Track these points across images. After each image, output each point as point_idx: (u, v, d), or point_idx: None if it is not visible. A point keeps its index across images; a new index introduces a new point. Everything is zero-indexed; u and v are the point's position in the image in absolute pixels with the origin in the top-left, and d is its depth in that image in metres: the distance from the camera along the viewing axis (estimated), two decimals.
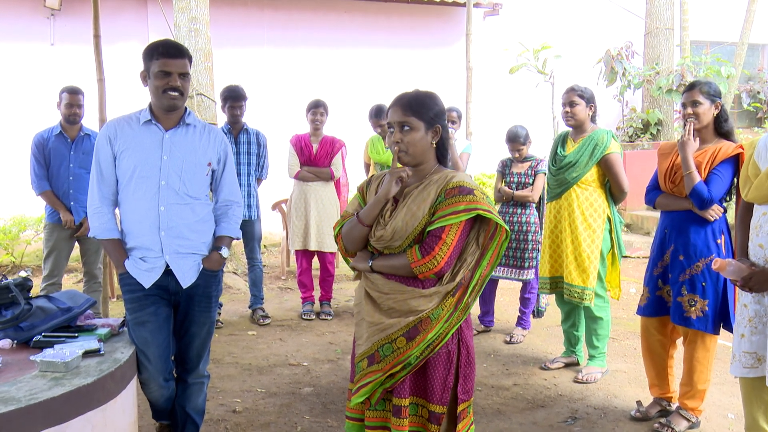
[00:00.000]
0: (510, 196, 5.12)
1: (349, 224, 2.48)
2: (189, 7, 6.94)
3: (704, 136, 3.47)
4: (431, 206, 2.34)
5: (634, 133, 10.94)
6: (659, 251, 3.60)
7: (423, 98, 2.40)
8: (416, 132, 2.36)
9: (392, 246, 2.39)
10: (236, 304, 6.32)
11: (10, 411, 2.05)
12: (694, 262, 3.41)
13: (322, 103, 5.76)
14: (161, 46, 2.82)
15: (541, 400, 4.03)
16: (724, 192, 3.38)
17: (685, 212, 3.46)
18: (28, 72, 8.55)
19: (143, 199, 2.84)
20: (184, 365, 3.08)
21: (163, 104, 2.84)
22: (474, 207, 2.30)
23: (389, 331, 2.35)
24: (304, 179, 5.75)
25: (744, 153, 3.32)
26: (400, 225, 2.35)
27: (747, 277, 2.69)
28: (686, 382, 3.54)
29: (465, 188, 2.32)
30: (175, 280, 2.89)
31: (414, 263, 2.31)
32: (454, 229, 2.31)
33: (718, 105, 3.43)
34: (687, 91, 3.46)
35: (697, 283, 3.40)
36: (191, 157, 2.91)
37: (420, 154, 2.39)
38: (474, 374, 2.49)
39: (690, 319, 3.40)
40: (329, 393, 4.12)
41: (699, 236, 3.41)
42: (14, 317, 2.70)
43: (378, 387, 2.38)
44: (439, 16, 10.45)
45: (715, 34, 12.18)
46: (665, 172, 3.56)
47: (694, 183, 3.37)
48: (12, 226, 7.70)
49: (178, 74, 2.80)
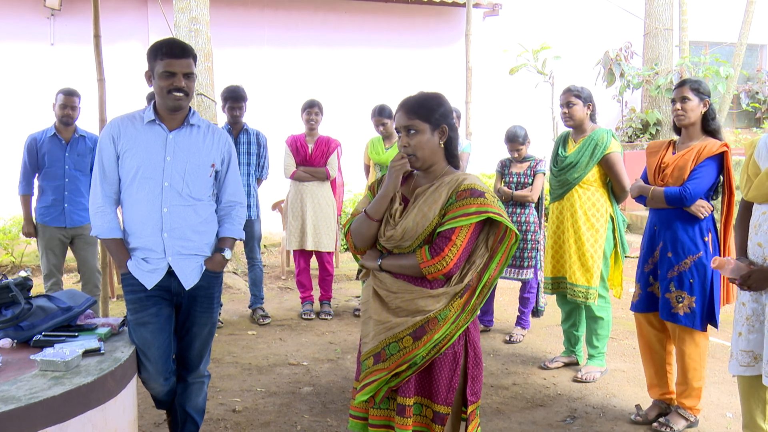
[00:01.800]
0: (509, 196, 5.12)
1: (358, 220, 2.50)
2: (189, 7, 6.95)
3: (691, 133, 3.51)
4: (442, 207, 2.35)
5: (633, 133, 10.96)
6: (649, 248, 3.64)
7: (426, 100, 2.41)
8: (422, 135, 2.37)
9: (402, 246, 2.40)
10: (236, 303, 6.32)
11: (11, 410, 2.05)
12: (682, 259, 3.45)
13: (316, 102, 5.77)
14: (165, 45, 2.79)
15: (541, 400, 4.04)
16: (707, 188, 3.42)
17: (673, 210, 3.49)
18: (28, 72, 8.55)
19: (146, 200, 2.83)
20: (184, 365, 3.08)
21: (168, 105, 2.82)
22: (485, 210, 2.31)
23: (396, 330, 2.35)
24: (300, 179, 5.76)
25: (728, 151, 3.40)
26: (411, 225, 2.36)
27: (746, 275, 2.70)
28: (681, 381, 3.56)
29: (476, 191, 2.33)
30: (177, 281, 2.89)
31: (423, 263, 2.32)
32: (464, 231, 2.32)
33: (707, 103, 3.47)
34: (677, 88, 3.51)
35: (684, 280, 3.43)
36: (195, 158, 2.90)
37: (429, 156, 2.40)
38: (482, 376, 2.49)
39: (678, 315, 3.44)
40: (329, 392, 4.13)
41: (687, 234, 3.45)
42: (14, 316, 2.70)
43: (383, 385, 2.38)
44: (438, 17, 10.46)
45: (713, 35, 12.19)
46: (654, 169, 3.60)
47: (661, 194, 3.46)
48: (12, 225, 7.72)
49: (183, 74, 2.78)
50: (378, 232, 2.46)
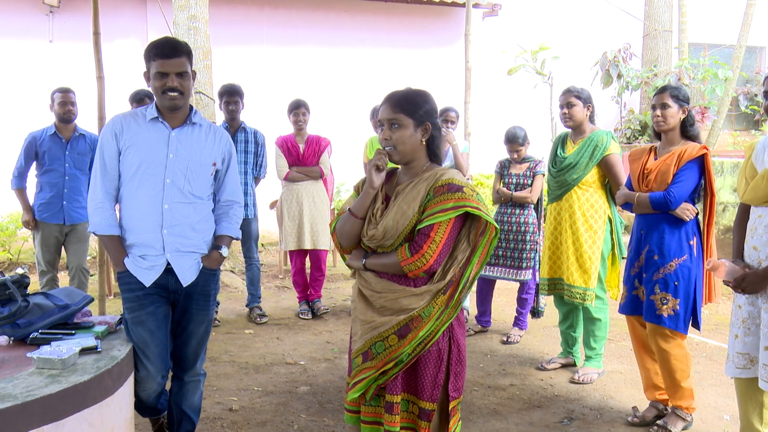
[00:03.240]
0: (509, 197, 5.12)
1: (343, 219, 2.51)
2: (188, 5, 6.94)
3: (671, 138, 3.56)
4: (421, 204, 2.36)
5: (632, 134, 10.96)
6: (635, 252, 3.66)
7: (412, 96, 2.42)
8: (405, 129, 2.38)
9: (384, 245, 2.41)
10: (233, 302, 6.32)
11: (7, 408, 2.05)
12: (667, 261, 3.47)
13: (303, 102, 5.78)
14: (157, 47, 2.80)
15: (538, 401, 4.04)
16: (690, 191, 3.45)
17: (659, 213, 3.52)
18: (27, 69, 8.53)
19: (147, 196, 2.83)
20: (180, 363, 3.07)
21: (164, 104, 2.84)
22: (462, 204, 2.31)
23: (381, 329, 2.38)
24: (294, 180, 5.75)
25: (708, 154, 3.44)
26: (391, 224, 2.37)
27: (740, 278, 2.72)
28: (669, 384, 3.56)
29: (454, 185, 2.34)
30: (174, 279, 2.89)
31: (403, 261, 2.33)
32: (443, 227, 2.32)
33: (686, 110, 3.52)
34: (657, 94, 3.55)
35: (669, 282, 3.46)
36: (197, 156, 2.92)
37: (409, 152, 2.41)
38: (465, 372, 2.51)
39: (662, 317, 3.46)
40: (326, 392, 4.13)
41: (673, 237, 3.48)
42: (11, 314, 2.69)
43: (372, 383, 2.42)
44: (438, 16, 10.46)
45: (713, 37, 12.20)
46: (637, 176, 3.63)
47: (646, 200, 3.49)
48: (9, 222, 7.71)
49: (176, 74, 2.78)
50: (362, 231, 2.47)
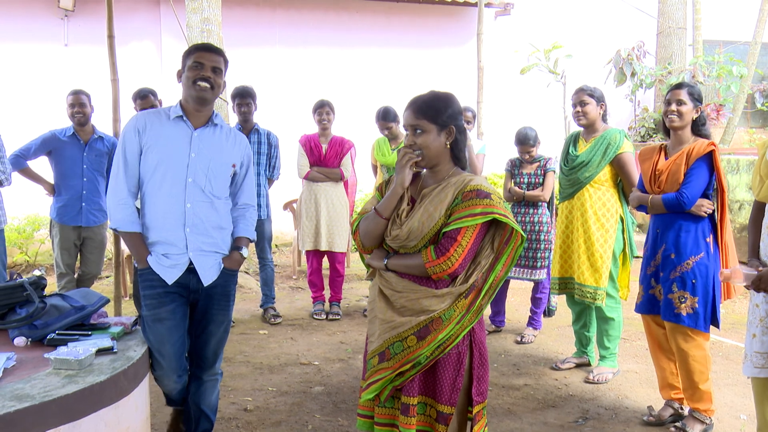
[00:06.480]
0: (521, 196, 5.10)
1: (367, 218, 2.51)
2: (201, 8, 6.98)
3: (681, 137, 3.53)
4: (448, 208, 2.36)
5: (646, 132, 10.88)
6: (652, 251, 3.64)
7: (434, 101, 2.41)
8: (428, 135, 2.38)
9: (407, 246, 2.41)
10: (248, 303, 6.35)
11: (25, 408, 2.08)
12: (684, 259, 3.45)
13: (327, 102, 5.77)
14: (199, 45, 2.94)
15: (552, 401, 4.02)
16: (702, 188, 3.43)
17: (675, 212, 3.49)
18: (42, 73, 8.60)
19: (169, 194, 2.85)
20: (200, 363, 3.09)
21: (192, 95, 2.86)
22: (490, 211, 2.32)
23: (400, 329, 2.37)
24: (314, 180, 5.76)
25: (716, 150, 3.41)
26: (416, 225, 2.37)
27: (756, 279, 2.70)
28: (687, 385, 3.53)
29: (482, 192, 2.34)
30: (195, 278, 2.91)
31: (428, 263, 2.33)
32: (470, 231, 2.32)
33: (699, 110, 3.50)
34: (673, 90, 3.51)
35: (687, 280, 3.43)
36: (218, 156, 2.94)
37: (434, 156, 2.41)
38: (488, 376, 2.49)
39: (680, 315, 3.43)
40: (340, 392, 4.14)
41: (689, 235, 3.46)
42: (28, 315, 2.72)
43: (387, 384, 2.40)
44: (450, 16, 10.43)
45: (727, 34, 12.08)
46: (649, 176, 3.61)
47: (659, 202, 3.48)
48: (26, 225, 7.78)
49: (211, 67, 2.84)
50: (385, 231, 2.47)
